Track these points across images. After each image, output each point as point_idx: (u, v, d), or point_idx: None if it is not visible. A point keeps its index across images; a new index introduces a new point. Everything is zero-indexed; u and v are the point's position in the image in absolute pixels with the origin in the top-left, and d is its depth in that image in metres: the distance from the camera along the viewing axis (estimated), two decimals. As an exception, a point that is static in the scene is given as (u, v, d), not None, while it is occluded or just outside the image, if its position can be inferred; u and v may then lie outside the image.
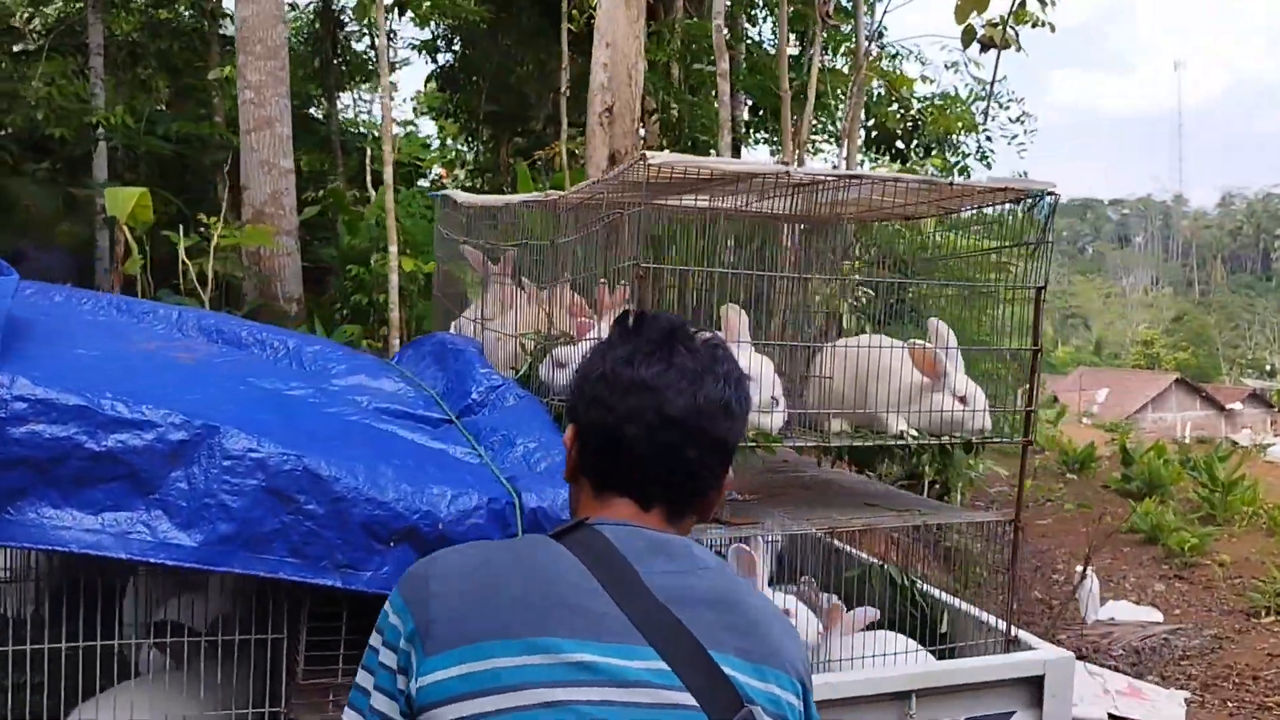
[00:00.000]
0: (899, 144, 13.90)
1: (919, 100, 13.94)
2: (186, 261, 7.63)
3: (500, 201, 4.15)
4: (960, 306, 3.30)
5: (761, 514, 3.11)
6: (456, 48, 15.66)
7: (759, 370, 2.93)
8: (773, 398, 2.95)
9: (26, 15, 13.76)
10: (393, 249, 8.24)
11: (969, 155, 14.34)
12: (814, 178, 2.89)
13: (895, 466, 4.07)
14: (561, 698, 1.32)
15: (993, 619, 3.27)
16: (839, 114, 11.67)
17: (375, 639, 1.44)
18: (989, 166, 14.29)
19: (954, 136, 14.03)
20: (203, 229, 7.95)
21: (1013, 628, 3.17)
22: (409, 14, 13.76)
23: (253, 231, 8.65)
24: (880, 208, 3.44)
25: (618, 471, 1.52)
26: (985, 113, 12.73)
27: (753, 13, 13.87)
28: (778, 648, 1.44)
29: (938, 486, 6.89)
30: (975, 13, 8.61)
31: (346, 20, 15.52)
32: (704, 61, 12.16)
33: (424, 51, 15.77)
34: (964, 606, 3.40)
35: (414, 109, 19.75)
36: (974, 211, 3.25)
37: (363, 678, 1.44)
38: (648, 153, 2.60)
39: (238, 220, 9.13)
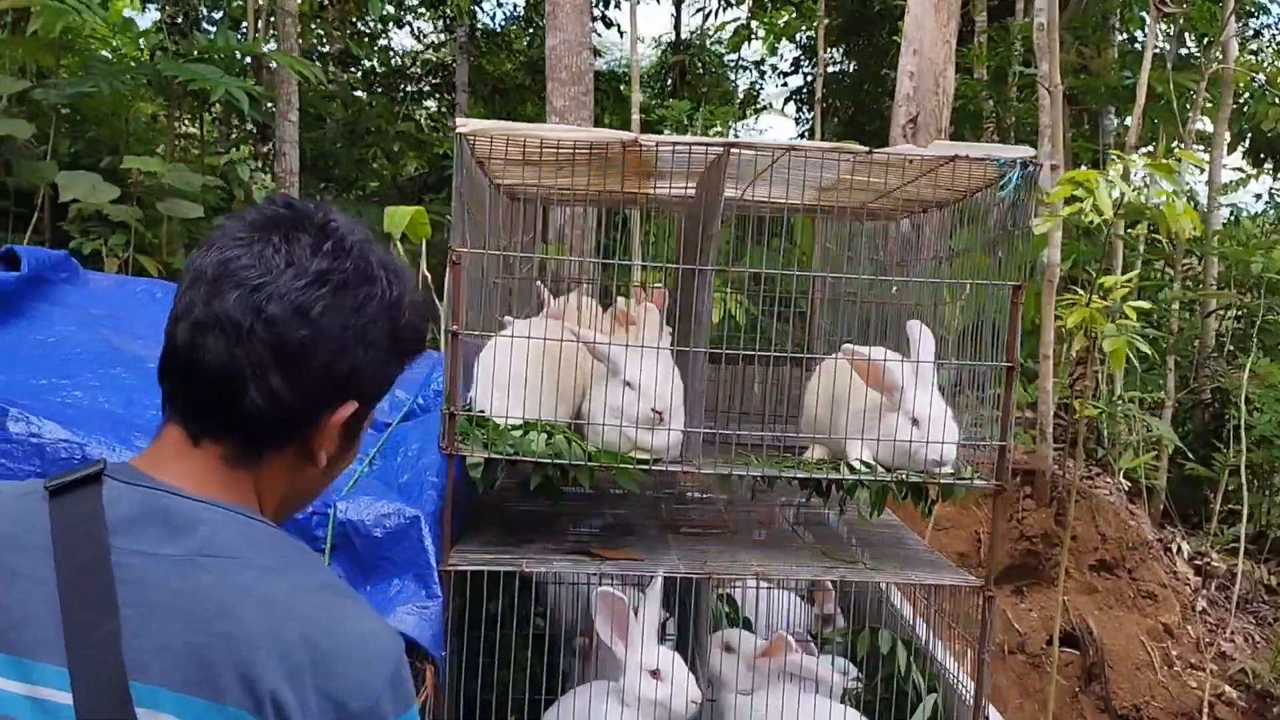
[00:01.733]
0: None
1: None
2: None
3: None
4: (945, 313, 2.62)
5: (660, 550, 2.66)
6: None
7: (640, 377, 2.51)
8: (654, 411, 2.50)
9: (411, 58, 15.51)
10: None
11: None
12: (655, 144, 2.41)
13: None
14: None
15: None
16: (1196, 116, 10.01)
17: None
18: None
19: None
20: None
21: (982, 723, 2.44)
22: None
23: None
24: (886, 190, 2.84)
25: (166, 388, 1.21)
26: None
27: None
28: (274, 688, 1.05)
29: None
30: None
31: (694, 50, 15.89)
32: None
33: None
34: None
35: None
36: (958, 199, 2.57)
37: None
38: (459, 119, 2.31)
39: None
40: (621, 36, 17.41)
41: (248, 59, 8.61)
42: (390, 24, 14.73)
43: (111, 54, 9.45)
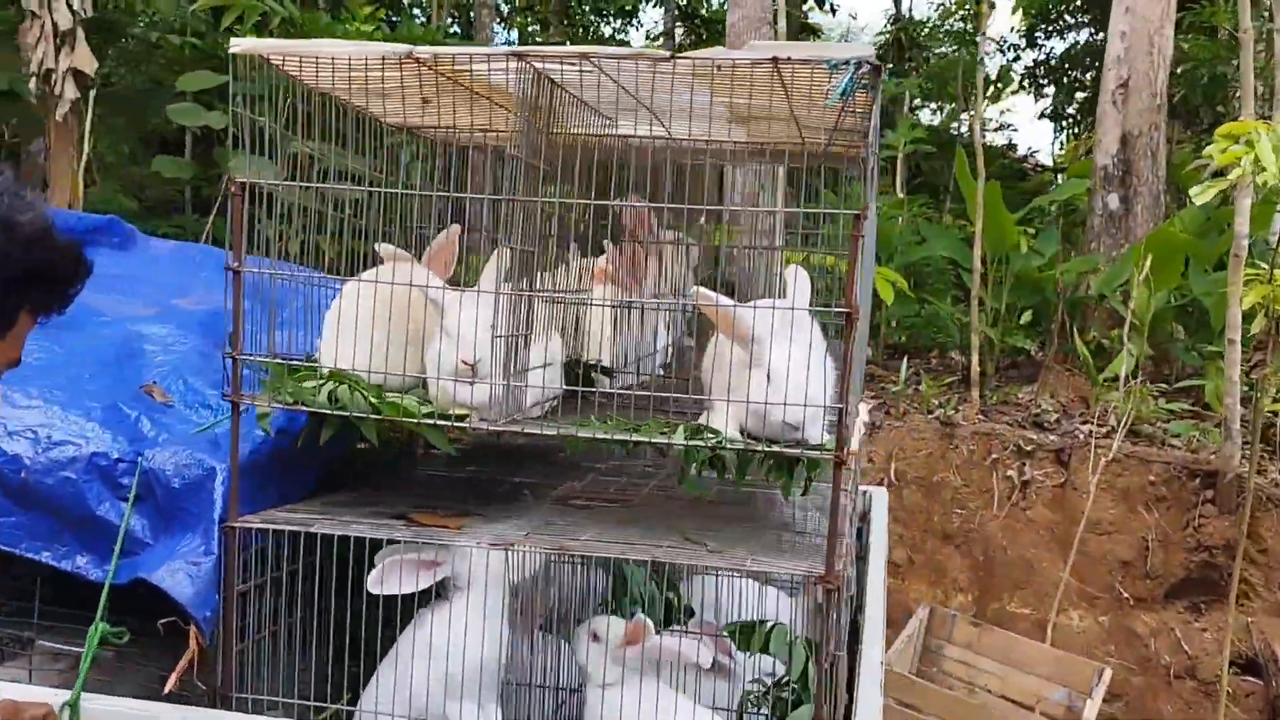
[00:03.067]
0: None
1: None
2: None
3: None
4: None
5: (507, 520, 2.40)
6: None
7: (459, 325, 2.26)
8: (463, 362, 2.25)
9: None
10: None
11: None
12: (436, 56, 2.13)
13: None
14: None
15: None
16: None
17: None
18: None
19: None
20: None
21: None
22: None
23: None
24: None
25: None
26: None
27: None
28: None
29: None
30: None
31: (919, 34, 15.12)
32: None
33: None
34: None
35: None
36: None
37: None
38: (232, 39, 2.15)
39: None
40: (834, 14, 16.86)
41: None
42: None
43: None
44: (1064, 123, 17.80)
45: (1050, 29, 15.88)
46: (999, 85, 17.22)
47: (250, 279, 2.29)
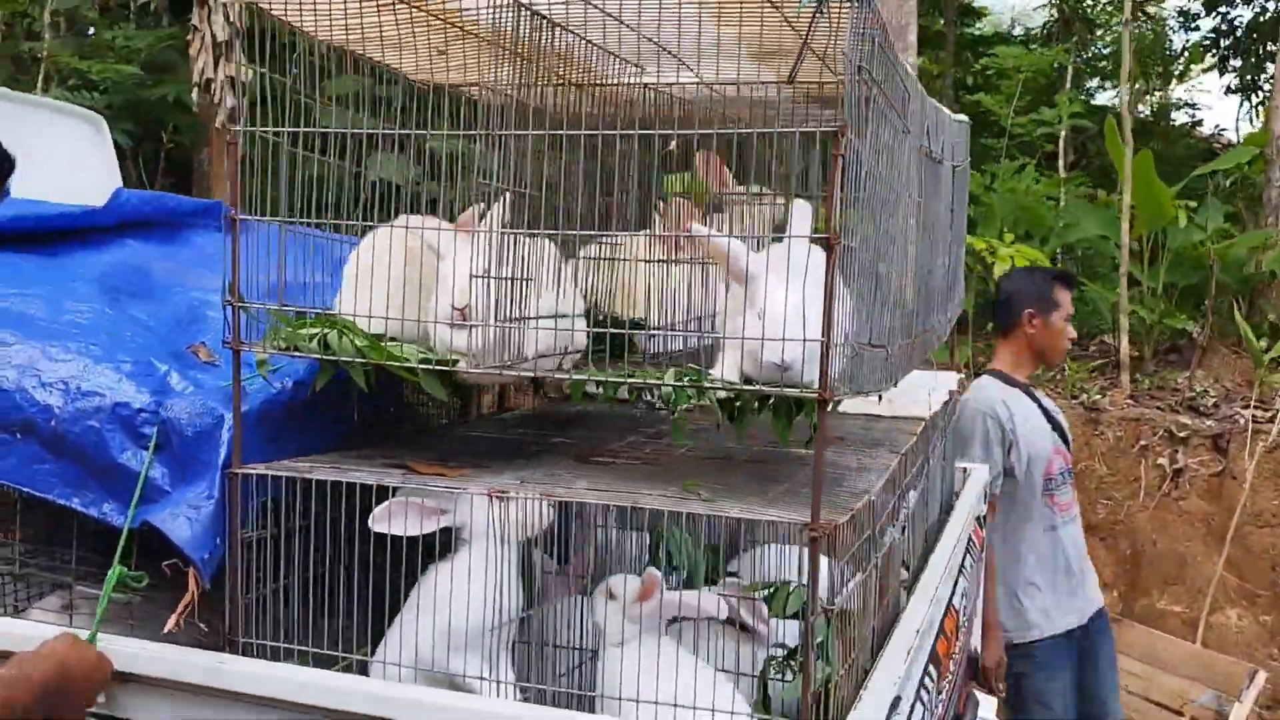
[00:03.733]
0: None
1: None
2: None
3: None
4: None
5: (516, 473, 2.36)
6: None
7: (453, 272, 2.23)
8: (454, 308, 2.21)
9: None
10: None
11: None
12: None
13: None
14: None
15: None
16: None
17: None
18: None
19: None
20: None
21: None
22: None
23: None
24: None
25: None
26: None
27: None
28: None
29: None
30: None
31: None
32: None
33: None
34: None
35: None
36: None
37: None
38: None
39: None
40: (998, -7, 16.17)
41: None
42: None
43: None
44: (1253, 96, 16.52)
45: (1234, -4, 14.78)
46: (1182, 60, 16.18)
47: (261, 231, 2.33)
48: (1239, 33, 15.64)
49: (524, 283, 2.24)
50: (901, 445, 2.86)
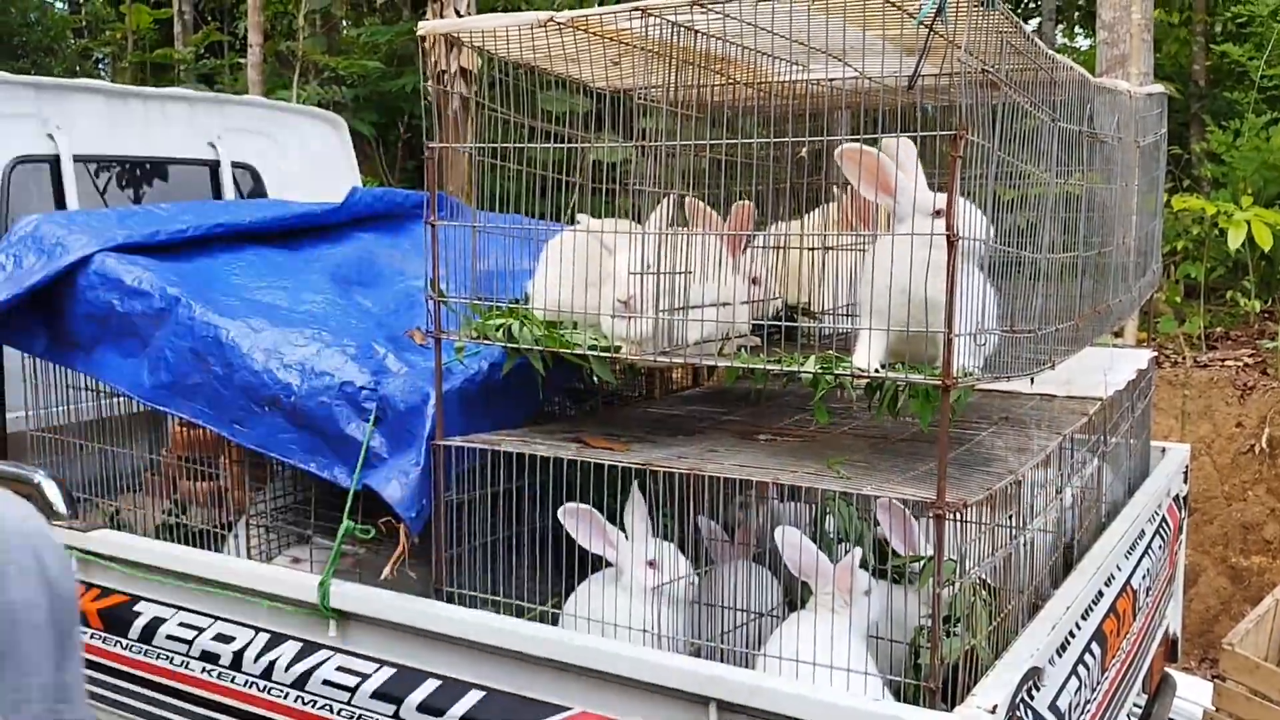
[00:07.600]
0: None
1: None
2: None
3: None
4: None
5: (678, 449, 2.58)
6: None
7: (616, 266, 2.48)
8: (618, 300, 2.46)
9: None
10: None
11: None
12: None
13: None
14: None
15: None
16: None
17: None
18: None
19: None
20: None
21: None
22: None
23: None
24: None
25: None
26: None
27: None
28: None
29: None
30: None
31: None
32: None
33: None
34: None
35: None
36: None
37: None
38: (421, 23, 2.51)
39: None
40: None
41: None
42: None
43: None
44: None
45: None
46: None
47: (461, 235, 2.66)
48: None
49: (684, 275, 2.46)
50: (1067, 426, 2.90)
